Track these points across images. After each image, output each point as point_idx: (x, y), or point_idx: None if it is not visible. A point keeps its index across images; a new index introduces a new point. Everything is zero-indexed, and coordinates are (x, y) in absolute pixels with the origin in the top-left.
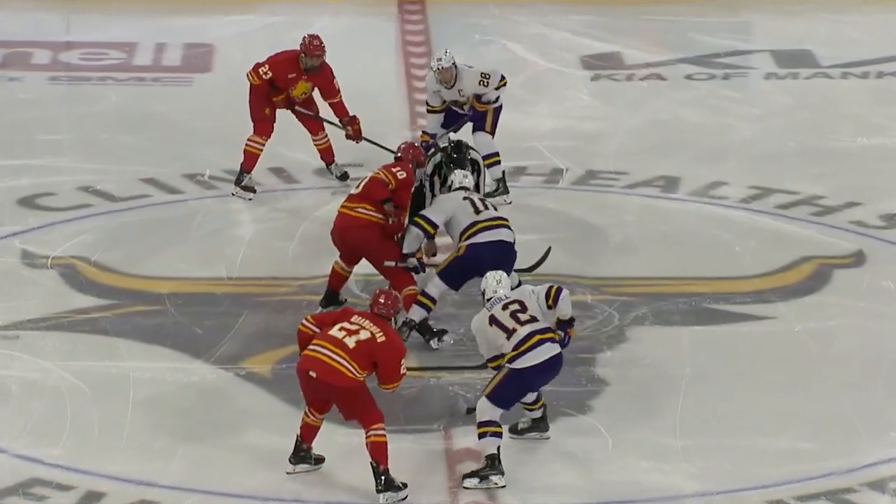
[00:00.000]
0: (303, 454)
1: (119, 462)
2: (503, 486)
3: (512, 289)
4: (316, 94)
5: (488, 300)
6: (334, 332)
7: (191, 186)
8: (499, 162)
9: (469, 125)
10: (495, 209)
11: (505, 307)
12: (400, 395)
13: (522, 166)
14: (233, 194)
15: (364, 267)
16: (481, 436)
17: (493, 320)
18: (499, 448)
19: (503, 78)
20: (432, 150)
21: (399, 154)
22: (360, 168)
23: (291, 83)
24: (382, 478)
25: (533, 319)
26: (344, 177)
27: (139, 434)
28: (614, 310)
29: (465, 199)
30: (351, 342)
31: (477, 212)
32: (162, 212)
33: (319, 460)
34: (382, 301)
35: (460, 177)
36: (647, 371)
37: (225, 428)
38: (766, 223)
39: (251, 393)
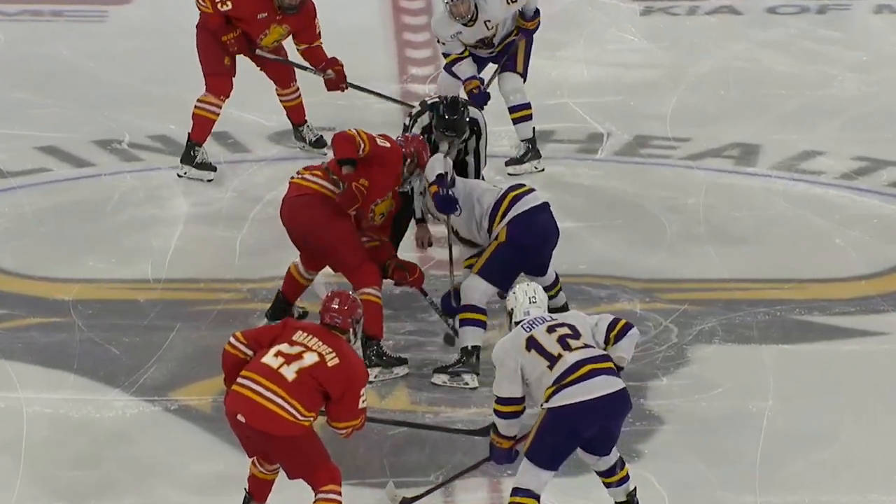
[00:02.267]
0: None
1: None
2: None
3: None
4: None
5: (520, 322)
6: (268, 359)
7: (104, 157)
8: (530, 116)
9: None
10: None
11: (551, 329)
12: (385, 437)
13: (549, 130)
14: (180, 175)
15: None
16: None
17: (533, 343)
18: None
19: None
20: (417, 108)
21: (402, 140)
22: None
23: (261, 27)
24: None
25: (587, 347)
26: (319, 143)
27: (34, 491)
28: (672, 322)
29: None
30: (290, 373)
31: (493, 186)
32: (66, 191)
33: None
34: (335, 307)
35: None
36: (715, 404)
37: (150, 479)
38: (875, 207)
39: (186, 433)
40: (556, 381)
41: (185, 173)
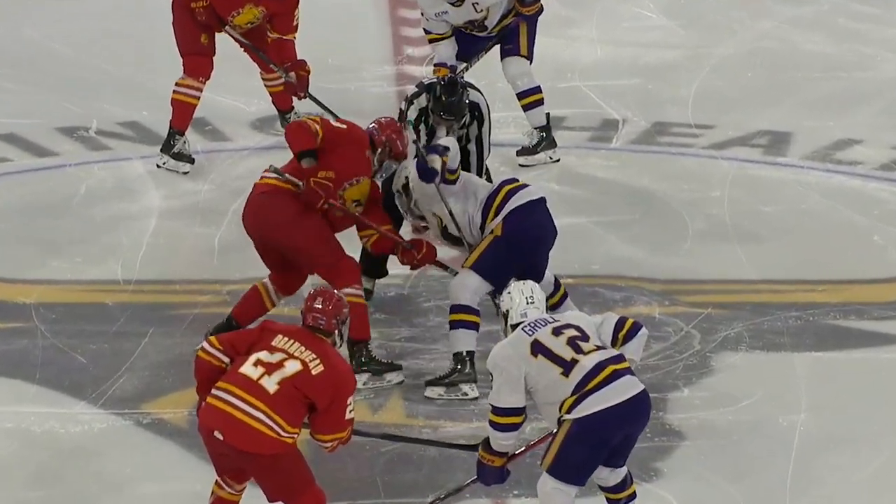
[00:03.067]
0: None
1: None
2: None
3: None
4: None
5: (518, 325)
6: (247, 368)
7: (69, 146)
8: (541, 101)
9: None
10: None
11: (557, 332)
12: (379, 454)
13: (560, 116)
14: (159, 166)
15: None
16: None
17: (539, 348)
18: None
19: None
20: (415, 90)
21: (373, 127)
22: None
23: (235, 4)
24: None
25: (600, 348)
26: None
27: None
28: (694, 328)
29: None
30: (271, 384)
31: (488, 182)
32: (27, 183)
33: None
34: (318, 307)
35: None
36: (742, 418)
37: (120, 499)
38: None
39: (159, 449)
40: (576, 389)
41: (164, 163)
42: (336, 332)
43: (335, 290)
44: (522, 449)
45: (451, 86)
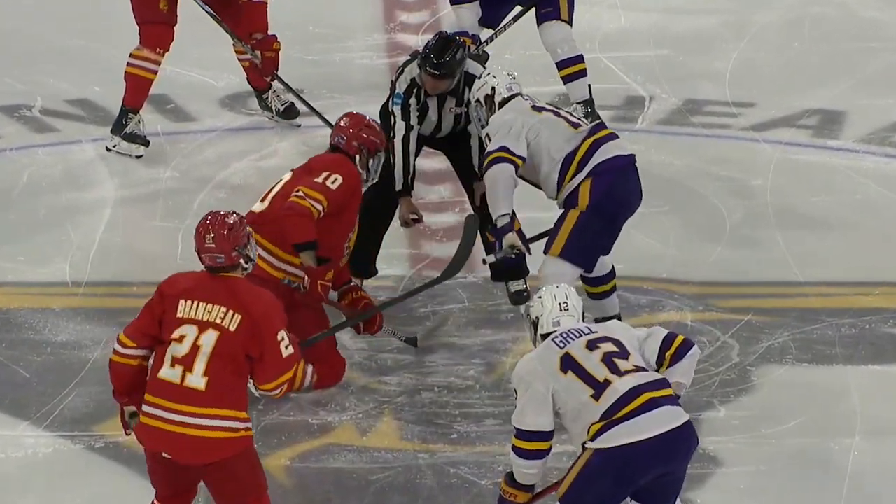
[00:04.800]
0: None
1: None
2: None
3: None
4: None
5: (549, 335)
6: (166, 373)
7: (10, 127)
8: (584, 72)
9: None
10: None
11: (592, 346)
12: (368, 482)
13: None
14: (109, 149)
15: None
16: None
17: (570, 363)
18: None
19: None
20: (407, 58)
21: (338, 137)
22: (301, 95)
23: None
24: None
25: (639, 369)
26: (289, 112)
27: None
28: (732, 337)
29: (536, 107)
30: (198, 379)
31: (575, 125)
32: None
33: None
34: (212, 245)
35: (506, 81)
36: (787, 442)
37: None
38: None
39: (113, 476)
40: (605, 415)
41: (115, 146)
42: (241, 261)
43: (226, 214)
44: (552, 485)
45: (444, 41)
